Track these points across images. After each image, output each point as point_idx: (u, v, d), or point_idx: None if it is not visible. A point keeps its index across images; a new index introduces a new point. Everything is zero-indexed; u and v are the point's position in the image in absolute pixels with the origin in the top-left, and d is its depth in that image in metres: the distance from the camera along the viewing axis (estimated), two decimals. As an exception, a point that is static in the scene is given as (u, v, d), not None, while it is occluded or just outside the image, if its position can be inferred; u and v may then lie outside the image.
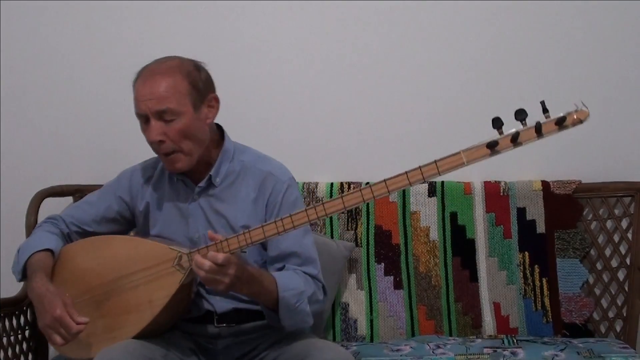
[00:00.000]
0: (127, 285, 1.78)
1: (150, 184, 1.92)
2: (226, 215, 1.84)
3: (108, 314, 1.78)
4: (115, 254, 1.81)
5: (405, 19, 2.41)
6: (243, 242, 1.65)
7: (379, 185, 1.57)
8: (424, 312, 2.29)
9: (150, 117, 1.74)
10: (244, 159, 1.88)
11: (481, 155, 1.53)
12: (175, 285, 1.73)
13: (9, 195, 2.44)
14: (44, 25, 2.45)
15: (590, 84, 2.39)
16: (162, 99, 1.73)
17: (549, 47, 2.40)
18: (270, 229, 1.64)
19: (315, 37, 2.43)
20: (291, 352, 1.77)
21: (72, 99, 2.46)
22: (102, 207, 1.95)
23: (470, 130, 2.41)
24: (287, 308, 1.73)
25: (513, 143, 1.51)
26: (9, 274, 2.32)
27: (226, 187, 1.86)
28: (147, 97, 1.74)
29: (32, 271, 1.79)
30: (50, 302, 1.70)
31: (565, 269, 2.30)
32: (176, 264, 1.73)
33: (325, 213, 1.61)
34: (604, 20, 2.38)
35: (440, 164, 1.56)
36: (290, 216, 1.63)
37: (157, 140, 1.74)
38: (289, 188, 1.85)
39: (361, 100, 2.43)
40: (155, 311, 1.74)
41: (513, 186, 2.32)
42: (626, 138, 2.39)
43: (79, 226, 1.94)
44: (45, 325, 1.71)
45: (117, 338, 1.74)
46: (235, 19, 2.43)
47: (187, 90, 1.76)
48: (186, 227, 1.86)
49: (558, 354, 2.04)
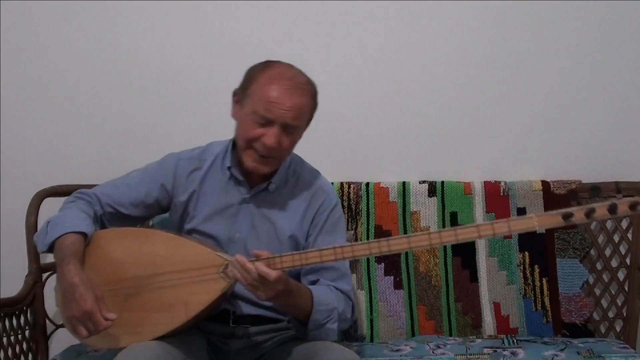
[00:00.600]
0: (162, 283, 1.75)
1: (199, 176, 1.90)
2: (275, 222, 1.86)
3: (136, 308, 1.75)
4: (154, 249, 1.78)
5: (405, 19, 2.41)
6: (298, 262, 1.66)
7: (449, 232, 1.58)
8: (424, 312, 2.30)
9: (275, 124, 1.75)
10: (298, 169, 1.92)
11: (554, 223, 1.55)
12: (217, 292, 1.72)
13: (9, 195, 2.44)
14: (44, 25, 2.44)
15: (591, 84, 2.39)
16: (296, 117, 1.77)
17: (550, 47, 2.40)
18: (328, 254, 1.65)
19: (316, 37, 2.43)
20: (298, 352, 1.78)
21: (72, 99, 2.45)
22: (143, 191, 1.91)
23: (470, 130, 2.43)
24: (317, 323, 1.76)
25: (587, 217, 1.54)
26: (9, 274, 2.34)
27: (279, 194, 1.88)
28: (285, 107, 1.74)
29: (65, 255, 1.73)
30: (82, 294, 1.66)
31: (565, 269, 2.30)
32: (221, 272, 1.72)
33: (389, 249, 1.61)
34: (604, 20, 2.38)
35: (512, 223, 1.57)
36: (352, 246, 1.64)
37: (272, 147, 1.75)
38: (336, 206, 1.91)
39: (361, 100, 2.43)
40: (190, 314, 1.72)
41: (513, 186, 2.32)
42: (626, 138, 2.40)
43: (115, 208, 1.90)
44: (72, 317, 1.67)
45: (141, 334, 1.72)
46: (235, 19, 2.43)
47: (310, 114, 1.84)
48: (229, 226, 1.86)
49: (558, 354, 2.04)
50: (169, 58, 2.44)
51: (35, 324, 2.21)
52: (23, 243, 2.22)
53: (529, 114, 2.42)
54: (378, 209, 2.33)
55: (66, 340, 2.31)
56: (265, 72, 1.78)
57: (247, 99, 1.78)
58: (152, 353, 1.66)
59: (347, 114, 2.43)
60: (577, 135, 2.41)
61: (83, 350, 2.14)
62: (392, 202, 2.33)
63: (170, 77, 2.43)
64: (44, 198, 2.27)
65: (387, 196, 2.34)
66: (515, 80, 2.41)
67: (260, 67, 1.80)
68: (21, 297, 2.15)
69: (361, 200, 2.33)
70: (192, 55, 2.43)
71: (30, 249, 2.21)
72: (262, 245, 1.83)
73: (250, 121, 1.76)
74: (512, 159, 2.42)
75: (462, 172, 2.39)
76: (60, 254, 1.75)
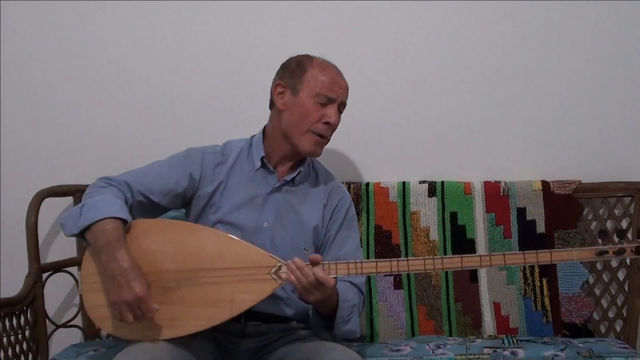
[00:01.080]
0: (207, 279, 1.75)
1: (225, 168, 1.95)
2: (300, 212, 1.94)
3: (175, 302, 1.75)
4: (200, 245, 1.78)
5: (406, 20, 2.41)
6: (352, 270, 1.74)
7: (497, 257, 1.76)
8: (424, 312, 2.30)
9: (335, 103, 1.92)
10: (315, 165, 2.05)
11: (589, 257, 1.78)
12: (266, 292, 1.75)
13: (9, 195, 2.44)
14: (44, 25, 2.44)
15: (591, 84, 2.39)
16: (347, 96, 1.97)
17: (550, 48, 2.40)
18: (384, 266, 1.74)
19: (317, 37, 2.42)
20: (300, 351, 1.79)
21: (72, 99, 2.45)
22: (173, 180, 1.92)
23: (470, 130, 2.43)
24: (342, 318, 1.82)
25: (616, 255, 1.78)
26: (9, 274, 2.34)
27: (303, 187, 1.98)
28: (342, 86, 1.95)
29: (111, 239, 1.72)
30: (135, 279, 1.68)
31: (565, 269, 2.30)
32: (273, 273, 1.75)
33: (443, 267, 1.75)
34: (604, 20, 2.38)
35: (554, 254, 1.77)
36: (407, 260, 1.74)
37: (335, 124, 1.93)
38: (351, 203, 2.04)
39: (361, 100, 2.42)
40: (235, 312, 1.74)
41: (513, 186, 2.32)
42: (626, 138, 2.39)
43: (146, 196, 1.90)
44: (122, 301, 1.68)
45: (179, 327, 1.73)
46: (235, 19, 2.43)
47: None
48: (256, 215, 1.91)
49: (558, 354, 2.04)
50: (169, 58, 2.43)
51: (35, 324, 2.21)
52: (23, 243, 2.21)
53: (529, 114, 2.42)
54: (378, 209, 2.33)
55: (66, 340, 2.32)
56: (314, 60, 1.96)
57: (302, 85, 1.91)
58: (152, 353, 1.66)
59: (347, 114, 2.42)
60: (577, 135, 2.41)
61: (83, 351, 2.14)
62: (392, 202, 2.33)
63: (171, 78, 2.43)
64: (44, 198, 2.26)
65: (387, 196, 2.34)
66: (515, 81, 2.40)
67: (305, 57, 1.97)
68: (21, 297, 2.15)
69: (361, 200, 2.33)
70: (192, 56, 2.43)
71: (31, 249, 2.21)
72: (288, 234, 1.91)
73: (312, 104, 1.90)
74: (512, 159, 2.42)
75: (462, 172, 2.39)
76: (102, 238, 1.73)
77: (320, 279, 1.68)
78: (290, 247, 1.89)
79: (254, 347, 1.88)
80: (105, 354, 2.09)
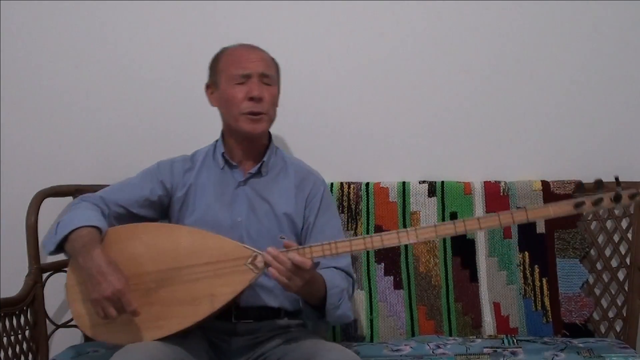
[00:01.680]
0: (186, 276, 1.77)
1: (193, 172, 2.00)
2: (270, 201, 1.94)
3: (157, 302, 1.77)
4: (177, 244, 1.81)
5: (406, 20, 2.41)
6: (327, 251, 1.73)
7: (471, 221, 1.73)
8: (424, 312, 2.30)
9: (253, 77, 1.92)
10: (285, 156, 2.06)
11: (567, 211, 1.73)
12: (245, 283, 1.75)
13: (9, 195, 2.44)
14: (44, 25, 2.44)
15: (591, 84, 2.39)
16: (269, 64, 1.97)
17: (550, 48, 2.40)
18: (358, 243, 1.73)
19: (316, 37, 2.43)
20: (298, 352, 1.79)
21: (72, 99, 2.45)
22: (147, 189, 1.98)
23: (470, 130, 2.43)
24: (333, 305, 1.81)
25: (595, 206, 1.73)
26: (9, 274, 2.34)
27: (271, 177, 1.99)
28: (255, 59, 1.94)
29: (85, 243, 1.77)
30: (113, 274, 1.72)
31: (565, 269, 2.30)
32: (250, 263, 1.76)
33: (417, 239, 1.73)
34: (603, 21, 2.38)
35: (530, 212, 1.73)
36: (381, 235, 1.72)
37: (259, 97, 1.90)
38: (326, 189, 2.04)
39: (362, 100, 2.43)
40: (216, 306, 1.75)
41: (513, 186, 2.32)
42: (626, 138, 2.39)
43: (123, 207, 1.95)
44: (103, 297, 1.70)
45: (164, 328, 1.74)
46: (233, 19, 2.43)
47: (277, 69, 2.01)
48: (229, 211, 1.93)
49: (558, 354, 2.04)
50: (169, 58, 2.43)
51: (35, 324, 2.21)
52: (23, 243, 2.21)
53: (529, 114, 2.42)
54: (378, 209, 2.33)
55: (66, 340, 2.32)
56: (225, 49, 2.00)
57: (219, 76, 1.96)
58: (148, 352, 1.67)
59: (347, 114, 2.43)
60: (577, 135, 2.41)
61: (83, 351, 2.14)
62: (392, 202, 2.33)
63: (171, 78, 2.43)
64: (44, 198, 2.26)
65: (387, 196, 2.34)
66: (515, 81, 2.41)
67: (219, 51, 2.01)
68: (21, 297, 2.15)
69: (361, 200, 2.33)
70: (192, 56, 2.42)
71: (31, 249, 2.21)
72: (263, 226, 1.92)
73: (231, 87, 1.92)
74: (512, 159, 2.42)
75: (462, 172, 2.39)
76: (78, 243, 1.78)
77: (297, 262, 1.67)
78: (267, 237, 1.90)
79: (245, 345, 1.88)
80: (105, 354, 2.09)
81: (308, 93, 2.43)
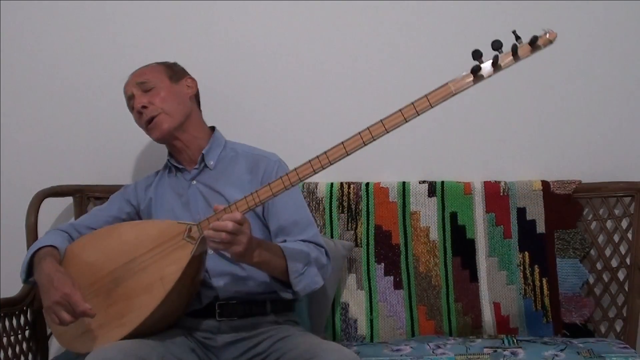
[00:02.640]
0: (136, 267, 1.80)
1: (152, 186, 2.07)
2: (224, 193, 1.95)
3: (118, 300, 1.79)
4: (121, 240, 1.85)
5: (405, 19, 2.41)
6: (251, 202, 1.70)
7: (376, 125, 1.68)
8: (424, 312, 2.29)
9: (133, 93, 2.00)
10: (235, 147, 2.05)
11: (466, 83, 1.65)
12: (187, 257, 1.75)
13: (9, 195, 2.44)
14: (44, 25, 2.45)
15: (591, 84, 2.39)
16: (141, 74, 2.03)
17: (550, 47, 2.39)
18: (277, 185, 1.69)
19: (315, 37, 2.43)
20: (296, 352, 1.78)
21: (72, 99, 2.46)
22: (114, 208, 2.07)
23: (470, 130, 2.43)
24: (297, 272, 1.80)
25: (494, 67, 1.64)
26: (9, 274, 2.34)
27: (221, 170, 2.00)
28: (129, 81, 2.04)
29: (40, 259, 1.86)
30: (59, 279, 1.76)
31: (565, 269, 2.30)
32: (186, 236, 1.77)
33: (329, 160, 1.68)
34: (604, 20, 2.38)
35: (430, 96, 1.69)
36: (296, 169, 1.69)
37: (141, 106, 1.97)
38: (280, 165, 2.00)
39: (361, 100, 2.43)
40: (168, 287, 1.75)
41: (513, 186, 2.32)
42: (626, 138, 2.40)
43: (91, 228, 2.01)
44: (53, 303, 1.73)
45: (129, 323, 1.75)
46: (231, 20, 2.43)
47: (161, 69, 2.05)
48: (189, 211, 1.96)
49: (558, 354, 2.04)
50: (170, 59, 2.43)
51: (35, 324, 2.21)
52: (23, 243, 2.21)
53: (529, 114, 2.42)
54: (378, 209, 2.33)
55: (66, 340, 2.32)
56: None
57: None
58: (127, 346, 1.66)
59: (346, 114, 2.43)
60: (577, 135, 2.41)
61: (83, 350, 2.14)
62: (392, 202, 2.33)
63: (170, 77, 2.43)
64: (44, 198, 2.27)
65: (387, 196, 2.34)
66: (515, 81, 2.40)
67: None
68: (21, 297, 2.15)
69: (361, 200, 2.33)
70: (191, 56, 2.42)
71: (30, 249, 2.21)
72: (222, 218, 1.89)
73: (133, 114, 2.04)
74: (512, 159, 2.42)
75: (462, 172, 2.39)
76: (36, 261, 1.87)
77: (229, 218, 1.64)
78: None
79: (231, 341, 1.88)
80: (105, 354, 2.09)
81: (307, 93, 2.44)
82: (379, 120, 1.66)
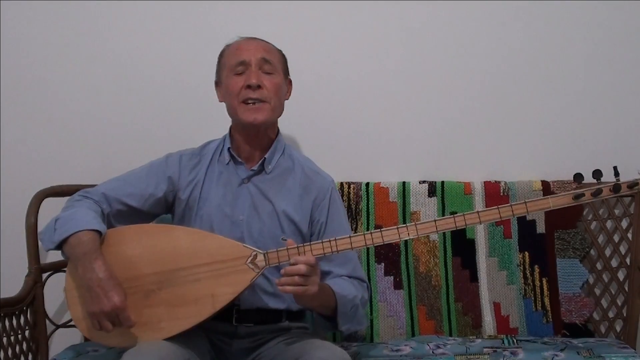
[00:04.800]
0: (188, 277, 1.76)
1: (201, 169, 1.96)
2: (273, 201, 1.91)
3: (160, 304, 1.76)
4: (174, 244, 1.79)
5: (406, 19, 2.41)
6: (328, 249, 1.71)
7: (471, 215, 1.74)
8: (424, 312, 2.29)
9: (251, 64, 1.89)
10: (293, 156, 2.01)
11: (565, 203, 1.75)
12: (245, 283, 1.74)
13: (9, 195, 2.44)
14: (43, 25, 2.44)
15: (591, 83, 2.39)
16: (268, 51, 1.93)
17: (550, 48, 2.40)
18: (358, 240, 1.72)
19: (318, 38, 2.42)
20: (289, 351, 1.79)
21: (72, 99, 2.45)
22: (152, 183, 1.94)
23: (470, 130, 2.43)
24: (345, 314, 1.80)
25: (594, 197, 1.74)
26: (9, 274, 2.34)
27: (276, 176, 1.95)
28: (253, 47, 1.91)
29: (88, 251, 1.75)
30: (112, 289, 1.71)
31: (565, 269, 2.30)
32: (250, 262, 1.75)
33: (417, 233, 1.72)
34: (604, 20, 2.38)
35: (529, 204, 1.74)
36: (381, 231, 1.71)
37: (256, 83, 1.86)
38: (334, 189, 1.99)
39: (362, 100, 2.43)
40: (218, 306, 1.74)
41: (513, 186, 2.32)
42: (626, 138, 2.39)
43: (125, 203, 1.91)
44: (101, 312, 1.70)
45: (164, 330, 1.74)
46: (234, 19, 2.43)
47: (281, 58, 1.97)
48: (232, 209, 1.91)
49: (558, 354, 2.04)
50: (169, 58, 2.43)
51: (35, 324, 2.21)
52: (23, 243, 2.21)
53: (529, 114, 2.42)
54: (378, 209, 2.33)
55: (66, 340, 2.32)
56: (229, 44, 1.97)
57: (222, 71, 1.94)
58: (158, 353, 1.66)
59: (347, 114, 2.43)
60: (577, 135, 2.41)
61: (83, 351, 2.14)
62: (392, 202, 2.33)
63: (170, 77, 2.43)
64: (44, 198, 2.26)
65: (387, 196, 2.34)
66: (515, 81, 2.40)
67: (223, 47, 1.98)
68: (21, 297, 2.15)
69: (361, 200, 2.33)
70: (191, 56, 2.42)
71: (31, 249, 2.20)
72: (264, 225, 1.90)
73: (231, 78, 1.90)
74: (512, 159, 2.42)
75: (462, 172, 2.39)
76: (79, 249, 1.76)
77: (305, 262, 1.64)
78: (268, 237, 1.88)
79: (245, 348, 1.88)
80: (105, 354, 2.09)
81: (309, 93, 2.42)
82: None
